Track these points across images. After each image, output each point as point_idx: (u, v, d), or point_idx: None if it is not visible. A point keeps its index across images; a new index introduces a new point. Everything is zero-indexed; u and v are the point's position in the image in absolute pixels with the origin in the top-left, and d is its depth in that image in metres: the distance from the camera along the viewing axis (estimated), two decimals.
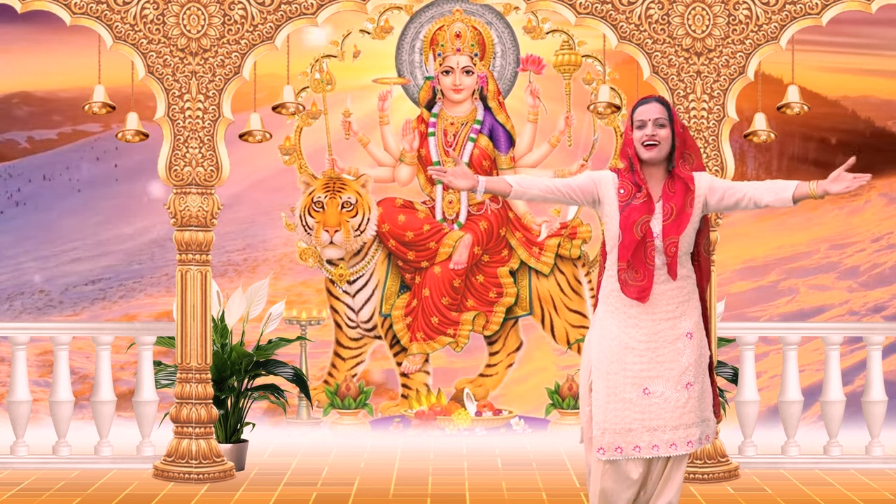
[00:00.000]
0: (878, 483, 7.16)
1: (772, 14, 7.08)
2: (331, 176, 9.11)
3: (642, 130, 5.12)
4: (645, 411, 5.08)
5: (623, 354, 5.10)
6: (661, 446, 5.09)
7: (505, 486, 7.07)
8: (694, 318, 5.16)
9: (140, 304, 9.41)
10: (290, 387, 7.94)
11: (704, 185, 5.17)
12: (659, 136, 5.11)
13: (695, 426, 5.12)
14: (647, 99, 5.21)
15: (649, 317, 5.11)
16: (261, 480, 7.21)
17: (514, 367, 9.28)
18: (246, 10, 7.11)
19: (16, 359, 7.67)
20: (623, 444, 5.09)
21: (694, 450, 5.15)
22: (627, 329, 5.11)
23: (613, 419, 5.08)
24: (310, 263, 9.23)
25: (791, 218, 9.56)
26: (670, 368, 5.09)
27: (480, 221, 9.14)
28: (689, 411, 5.10)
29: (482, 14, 9.14)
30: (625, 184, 5.14)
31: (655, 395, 5.08)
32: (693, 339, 5.14)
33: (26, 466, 7.51)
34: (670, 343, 5.11)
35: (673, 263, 5.09)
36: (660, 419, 5.08)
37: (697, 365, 5.14)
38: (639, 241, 5.07)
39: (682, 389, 5.09)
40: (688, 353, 5.12)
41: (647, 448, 5.09)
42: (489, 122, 9.14)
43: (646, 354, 5.09)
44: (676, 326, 5.12)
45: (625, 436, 5.08)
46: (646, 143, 5.11)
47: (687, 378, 5.10)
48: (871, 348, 7.78)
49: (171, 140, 7.13)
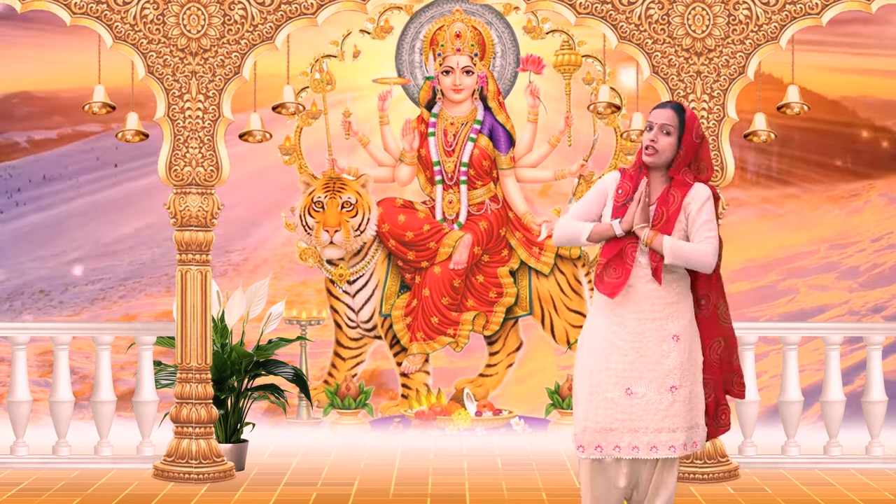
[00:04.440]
0: (878, 483, 7.16)
1: (772, 14, 7.08)
2: (331, 176, 9.11)
3: (648, 133, 5.12)
4: (627, 411, 5.04)
5: (607, 353, 5.07)
6: (641, 448, 5.04)
7: (505, 486, 7.08)
8: (683, 321, 5.10)
9: (140, 304, 9.41)
10: (290, 387, 7.94)
11: (695, 198, 5.08)
12: (660, 143, 5.08)
13: (680, 431, 5.05)
14: (665, 103, 5.19)
15: (634, 316, 5.08)
16: (261, 480, 7.21)
17: (514, 367, 9.28)
18: (246, 10, 7.11)
19: (16, 359, 7.67)
20: (603, 444, 5.06)
21: (677, 455, 5.07)
22: (613, 327, 5.09)
23: (595, 417, 5.06)
24: (310, 263, 9.23)
25: (791, 218, 9.56)
26: (654, 370, 5.04)
27: (480, 221, 9.14)
28: (674, 415, 5.04)
29: (482, 14, 9.14)
30: (623, 184, 5.13)
31: (638, 395, 5.04)
32: (680, 341, 5.07)
33: (26, 466, 7.51)
34: (655, 344, 5.07)
35: (658, 268, 5.06)
36: (641, 420, 5.04)
37: (685, 369, 5.07)
38: (625, 241, 5.05)
39: (665, 392, 5.04)
40: (673, 356, 5.06)
41: (626, 448, 5.05)
42: (489, 122, 9.14)
43: (630, 354, 5.06)
44: (663, 328, 5.07)
45: (605, 435, 5.06)
46: (645, 148, 5.11)
47: (671, 381, 5.04)
48: (871, 348, 7.78)
49: (171, 140, 7.13)
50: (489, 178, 9.16)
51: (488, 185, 9.16)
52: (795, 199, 9.56)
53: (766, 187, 9.55)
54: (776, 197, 9.56)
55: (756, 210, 9.55)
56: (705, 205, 5.08)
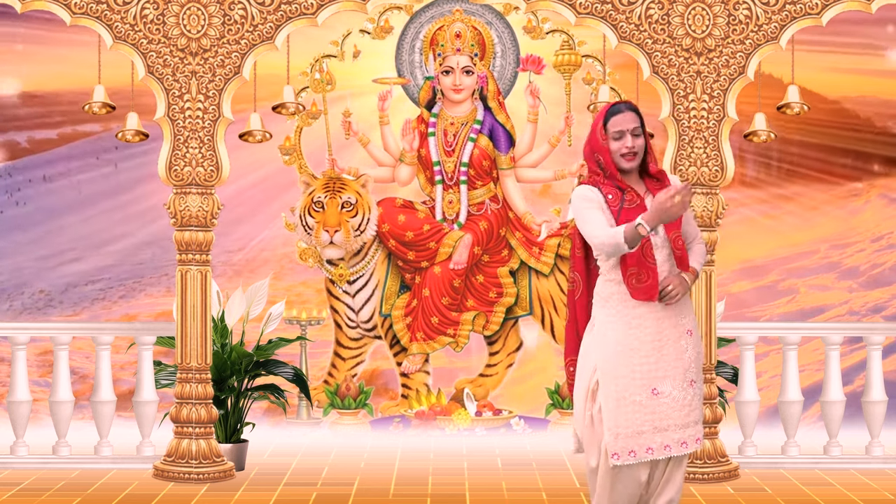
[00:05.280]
0: (878, 483, 7.16)
1: (772, 14, 7.08)
2: (331, 176, 9.11)
3: (620, 141, 5.11)
4: (654, 412, 5.07)
5: (629, 357, 5.08)
6: (672, 446, 5.09)
7: (505, 486, 7.08)
8: (691, 314, 5.20)
9: (140, 304, 9.41)
10: (290, 387, 7.94)
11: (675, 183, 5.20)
12: (637, 147, 5.13)
13: (699, 423, 5.15)
14: (618, 107, 5.16)
15: (653, 315, 5.11)
16: (261, 480, 7.21)
17: (514, 367, 9.28)
18: (246, 10, 7.11)
19: (16, 359, 7.67)
20: (636, 448, 5.07)
21: (699, 447, 5.17)
22: (632, 331, 5.11)
23: (625, 423, 5.06)
24: (310, 263, 9.23)
25: (791, 218, 9.56)
26: (675, 367, 5.10)
27: (480, 221, 9.14)
28: (695, 409, 5.13)
29: (482, 14, 9.14)
30: (609, 188, 5.14)
31: (664, 395, 5.08)
32: (693, 336, 5.17)
33: (26, 466, 7.51)
34: (674, 341, 5.12)
35: (684, 255, 5.12)
36: (669, 419, 5.08)
37: (697, 362, 5.17)
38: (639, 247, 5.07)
39: (686, 387, 5.11)
40: (690, 351, 5.14)
41: (659, 449, 5.08)
42: (489, 122, 9.14)
43: (652, 355, 5.09)
44: (678, 324, 5.14)
45: (636, 439, 5.06)
46: (625, 155, 5.11)
47: (690, 375, 5.12)
48: (871, 348, 7.78)
49: (171, 140, 7.13)
50: (489, 178, 9.16)
51: (488, 185, 9.16)
52: (795, 199, 9.56)
53: (766, 187, 9.55)
54: (776, 197, 9.56)
55: (756, 210, 9.55)
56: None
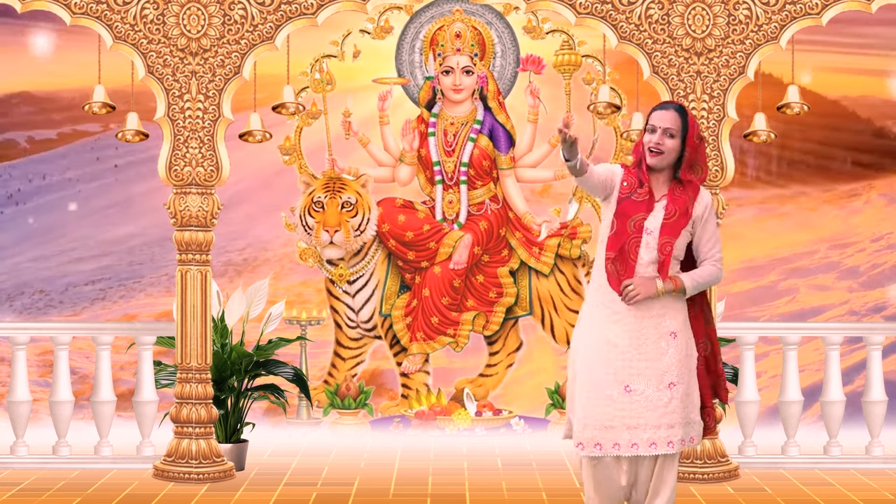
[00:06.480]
0: (878, 483, 7.16)
1: (772, 14, 7.08)
2: (331, 176, 9.11)
3: (652, 135, 5.17)
4: (626, 409, 5.08)
5: (606, 350, 5.12)
6: (640, 445, 5.09)
7: (505, 486, 7.08)
8: (679, 318, 5.17)
9: (140, 304, 9.41)
10: (290, 387, 7.94)
11: (703, 205, 5.22)
12: (665, 146, 5.16)
13: (678, 427, 5.11)
14: (666, 105, 5.26)
15: (632, 313, 5.13)
16: (261, 480, 7.21)
17: (514, 367, 9.28)
18: (246, 10, 7.11)
19: (16, 359, 7.67)
20: (603, 441, 5.09)
21: (675, 451, 5.13)
22: (611, 325, 5.14)
23: (594, 415, 5.09)
24: (310, 263, 9.23)
25: (791, 218, 9.56)
26: (652, 367, 5.10)
27: (480, 221, 9.14)
28: (672, 412, 5.10)
29: (482, 14, 9.14)
30: (629, 177, 5.19)
31: (637, 392, 5.09)
32: (677, 338, 5.15)
33: (26, 466, 7.51)
34: (653, 342, 5.12)
35: (666, 262, 5.13)
36: (640, 418, 5.08)
37: (682, 365, 5.14)
38: (629, 236, 5.10)
39: (664, 389, 5.09)
40: (671, 353, 5.12)
41: (626, 446, 5.09)
42: (489, 122, 9.14)
43: (629, 352, 5.11)
44: (660, 325, 5.14)
45: (604, 432, 5.09)
46: (651, 150, 5.16)
47: (670, 378, 5.10)
48: (871, 348, 7.78)
49: (171, 140, 7.13)
50: (489, 178, 9.16)
51: (488, 185, 9.16)
52: (795, 199, 9.56)
53: (765, 187, 9.55)
54: (776, 197, 9.56)
55: (756, 210, 9.55)
56: (711, 213, 5.24)
